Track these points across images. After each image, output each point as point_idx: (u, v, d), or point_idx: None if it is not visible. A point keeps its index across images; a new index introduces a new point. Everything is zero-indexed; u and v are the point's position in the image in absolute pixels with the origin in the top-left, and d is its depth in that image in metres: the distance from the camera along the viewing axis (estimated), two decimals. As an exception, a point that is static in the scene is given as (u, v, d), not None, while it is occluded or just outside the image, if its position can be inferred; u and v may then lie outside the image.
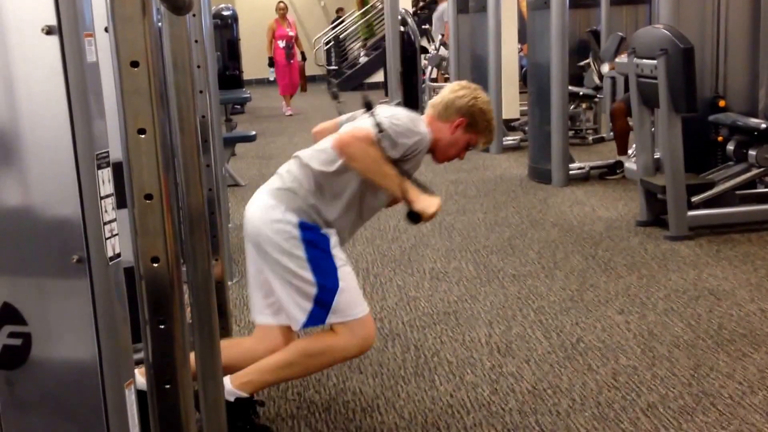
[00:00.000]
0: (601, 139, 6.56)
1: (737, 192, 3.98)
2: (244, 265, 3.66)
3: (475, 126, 2.10)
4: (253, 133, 5.57)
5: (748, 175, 3.92)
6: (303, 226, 1.91)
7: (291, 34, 9.58)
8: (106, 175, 1.28)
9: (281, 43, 9.57)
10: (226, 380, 1.94)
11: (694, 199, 3.82)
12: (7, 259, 1.25)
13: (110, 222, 1.28)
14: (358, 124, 1.96)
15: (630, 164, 4.29)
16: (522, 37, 7.40)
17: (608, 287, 3.18)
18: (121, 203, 1.47)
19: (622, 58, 4.32)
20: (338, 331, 1.93)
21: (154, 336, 1.25)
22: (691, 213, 3.80)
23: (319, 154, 2.00)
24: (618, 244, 3.77)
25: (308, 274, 1.89)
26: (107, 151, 1.27)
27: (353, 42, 14.38)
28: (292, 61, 9.62)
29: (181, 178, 1.32)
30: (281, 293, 1.94)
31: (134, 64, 1.16)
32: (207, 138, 2.09)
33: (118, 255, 1.29)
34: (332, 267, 1.92)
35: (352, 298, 1.94)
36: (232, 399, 1.94)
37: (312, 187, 1.95)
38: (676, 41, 3.65)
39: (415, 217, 1.92)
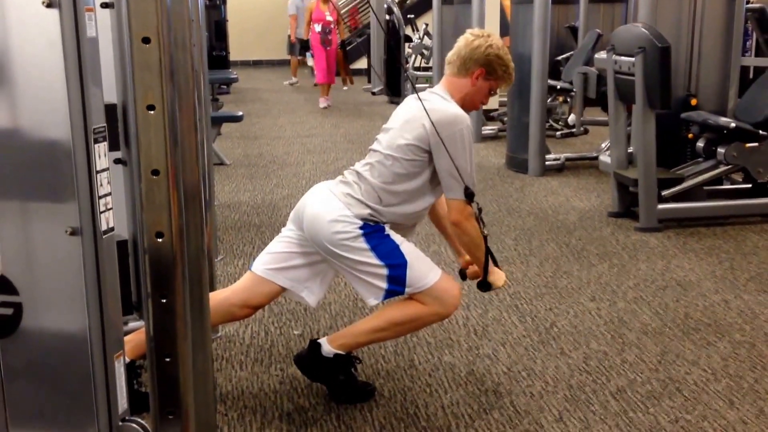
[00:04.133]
0: (571, 134, 6.64)
1: (705, 187, 4.12)
2: (228, 243, 3.70)
3: (494, 73, 2.13)
4: (240, 113, 5.58)
5: (716, 171, 4.05)
6: (364, 227, 2.02)
7: (329, 18, 8.55)
8: (102, 150, 1.28)
9: (317, 27, 8.58)
10: (323, 341, 2.13)
11: (664, 192, 3.94)
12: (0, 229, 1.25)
13: (105, 196, 1.29)
14: (457, 192, 2.02)
15: (604, 157, 4.40)
16: (502, 31, 7.45)
17: (581, 275, 3.28)
18: (113, 145, 1.46)
19: (601, 54, 4.41)
20: (421, 299, 2.05)
21: (156, 310, 1.27)
22: (660, 206, 3.92)
23: (385, 164, 2.06)
24: (590, 234, 3.87)
25: (375, 260, 2.01)
26: (104, 126, 1.28)
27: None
28: (328, 48, 8.59)
29: (179, 154, 1.34)
30: (353, 280, 2.06)
31: (146, 40, 1.16)
32: (200, 117, 2.10)
33: (112, 229, 1.30)
34: (394, 246, 2.04)
35: (421, 269, 2.04)
36: (331, 356, 2.12)
37: (377, 198, 2.05)
38: (654, 40, 3.75)
39: (487, 286, 2.12)
